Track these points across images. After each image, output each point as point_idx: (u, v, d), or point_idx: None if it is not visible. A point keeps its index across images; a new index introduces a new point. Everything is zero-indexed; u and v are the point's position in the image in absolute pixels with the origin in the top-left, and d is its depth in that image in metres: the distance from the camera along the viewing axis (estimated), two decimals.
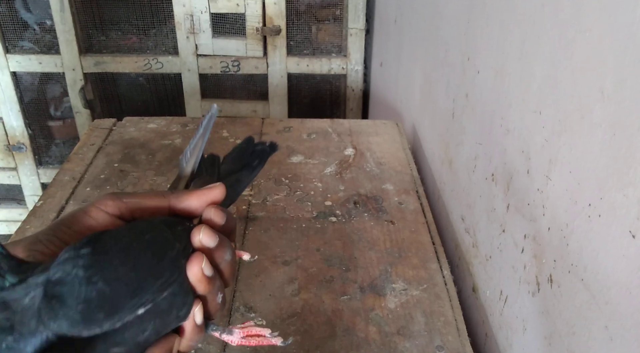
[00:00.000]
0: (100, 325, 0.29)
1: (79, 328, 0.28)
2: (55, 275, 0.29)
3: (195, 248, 0.36)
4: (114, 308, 0.29)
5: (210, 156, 0.46)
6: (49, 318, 0.28)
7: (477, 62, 0.74)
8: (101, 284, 0.29)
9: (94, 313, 0.29)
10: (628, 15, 0.39)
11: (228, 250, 0.37)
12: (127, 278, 0.30)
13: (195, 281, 0.35)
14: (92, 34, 1.89)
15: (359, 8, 1.75)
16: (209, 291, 0.35)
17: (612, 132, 0.41)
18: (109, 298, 0.29)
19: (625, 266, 0.39)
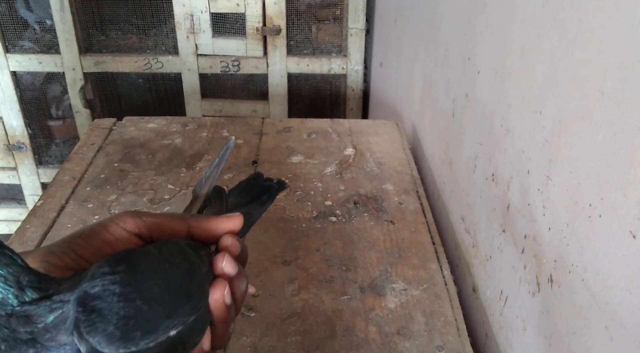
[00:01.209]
0: (136, 343, 0.29)
1: (117, 345, 0.28)
2: (94, 289, 0.29)
3: (215, 274, 0.36)
4: (150, 327, 0.29)
5: (216, 188, 0.46)
6: (89, 333, 0.28)
7: (477, 62, 0.74)
8: (139, 302, 0.29)
9: (131, 332, 0.29)
10: (628, 15, 0.39)
11: (244, 280, 0.37)
12: (162, 299, 0.30)
13: (215, 307, 0.34)
14: (92, 34, 1.89)
15: (359, 8, 1.75)
16: (225, 319, 0.35)
17: (613, 132, 0.41)
18: (146, 318, 0.29)
19: (626, 266, 0.39)
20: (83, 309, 0.28)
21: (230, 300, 0.35)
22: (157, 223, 0.36)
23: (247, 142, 1.02)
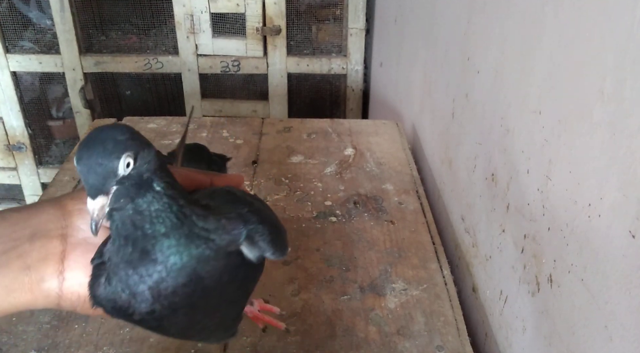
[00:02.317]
0: (284, 252, 0.41)
1: (279, 252, 0.40)
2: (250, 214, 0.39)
3: None
4: (285, 239, 0.42)
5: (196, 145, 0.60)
6: (260, 241, 0.39)
7: (477, 62, 0.74)
8: (275, 220, 0.42)
9: (282, 242, 0.41)
10: (628, 16, 0.39)
11: None
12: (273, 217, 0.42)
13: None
14: (92, 34, 1.89)
15: (359, 8, 1.75)
16: None
17: (612, 132, 0.41)
18: (282, 234, 0.42)
19: (625, 266, 0.39)
20: (251, 227, 0.38)
21: None
22: (189, 175, 0.42)
23: (247, 142, 1.02)
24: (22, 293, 0.36)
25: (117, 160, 0.31)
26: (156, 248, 0.33)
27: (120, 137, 0.32)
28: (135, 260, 0.34)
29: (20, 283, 0.36)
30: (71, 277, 0.37)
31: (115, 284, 0.35)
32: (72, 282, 0.37)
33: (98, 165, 0.31)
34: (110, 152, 0.31)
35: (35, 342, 0.60)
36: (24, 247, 0.36)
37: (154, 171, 0.33)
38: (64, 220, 0.38)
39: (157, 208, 0.33)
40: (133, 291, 0.34)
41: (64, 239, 0.37)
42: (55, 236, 0.37)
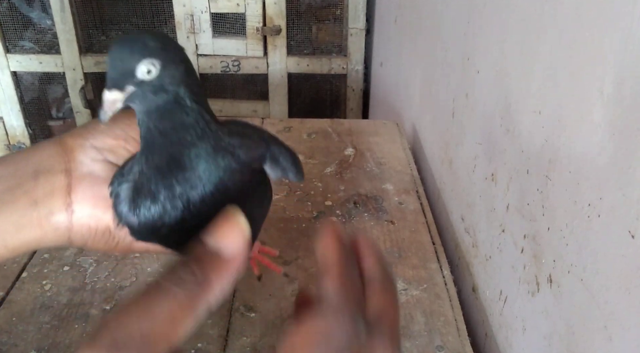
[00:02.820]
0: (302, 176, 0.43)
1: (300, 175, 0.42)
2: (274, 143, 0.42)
3: None
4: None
5: None
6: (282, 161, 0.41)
7: (477, 62, 0.74)
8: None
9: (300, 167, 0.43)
10: (628, 15, 0.39)
11: None
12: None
13: None
14: (92, 34, 1.90)
15: (359, 8, 1.75)
16: None
17: (612, 132, 0.41)
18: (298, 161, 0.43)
19: (625, 266, 0.39)
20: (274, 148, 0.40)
21: None
22: None
23: None
24: (32, 228, 0.36)
25: (137, 63, 0.32)
26: (184, 155, 0.33)
27: (152, 43, 0.32)
28: (164, 169, 0.34)
29: (29, 219, 0.35)
30: (80, 209, 0.37)
31: (145, 195, 0.35)
32: (81, 214, 0.37)
33: (120, 60, 0.32)
34: (133, 53, 0.32)
35: (35, 342, 0.60)
36: (29, 184, 0.36)
37: (180, 85, 0.33)
38: (66, 155, 0.38)
39: (182, 119, 0.33)
40: (163, 200, 0.34)
41: (69, 173, 0.37)
42: (59, 171, 0.37)
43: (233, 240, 0.27)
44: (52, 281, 0.68)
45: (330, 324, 0.24)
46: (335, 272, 0.27)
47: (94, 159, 0.38)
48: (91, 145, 0.38)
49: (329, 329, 0.24)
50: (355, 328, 0.25)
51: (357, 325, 0.25)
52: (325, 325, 0.24)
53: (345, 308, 0.25)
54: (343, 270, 0.27)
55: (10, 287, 0.68)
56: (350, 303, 0.26)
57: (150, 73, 0.32)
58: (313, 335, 0.24)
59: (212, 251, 0.27)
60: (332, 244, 0.28)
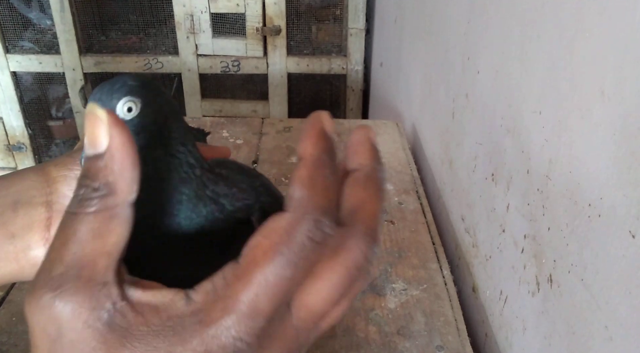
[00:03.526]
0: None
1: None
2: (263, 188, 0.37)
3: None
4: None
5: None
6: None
7: (477, 62, 0.74)
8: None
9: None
10: (628, 15, 0.39)
11: None
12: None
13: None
14: (92, 34, 1.90)
15: (359, 8, 1.75)
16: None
17: (612, 131, 0.41)
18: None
19: (625, 266, 0.39)
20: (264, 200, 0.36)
21: None
22: None
23: (247, 142, 1.02)
24: (8, 262, 0.34)
25: (116, 101, 0.31)
26: (164, 200, 0.32)
27: (132, 82, 0.32)
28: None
29: (4, 253, 0.34)
30: None
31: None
32: None
33: (99, 101, 0.31)
34: (113, 92, 0.31)
35: None
36: (7, 215, 0.34)
37: (163, 126, 0.33)
38: (48, 186, 0.36)
39: (166, 161, 0.32)
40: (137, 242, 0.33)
41: (49, 206, 0.35)
42: (39, 203, 0.35)
43: (101, 133, 0.25)
44: None
45: (290, 222, 0.22)
46: (304, 169, 0.24)
47: None
48: (76, 176, 0.36)
49: (290, 229, 0.22)
50: (318, 224, 0.23)
51: (322, 226, 0.23)
52: (285, 224, 0.22)
53: (309, 203, 0.23)
54: (316, 166, 0.24)
55: (10, 287, 0.68)
56: (317, 197, 0.23)
57: (130, 111, 0.31)
58: (270, 236, 0.22)
59: (93, 157, 0.25)
60: (311, 139, 0.25)
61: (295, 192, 0.23)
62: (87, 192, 0.24)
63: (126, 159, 0.25)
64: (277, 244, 0.22)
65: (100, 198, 0.24)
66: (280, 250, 0.22)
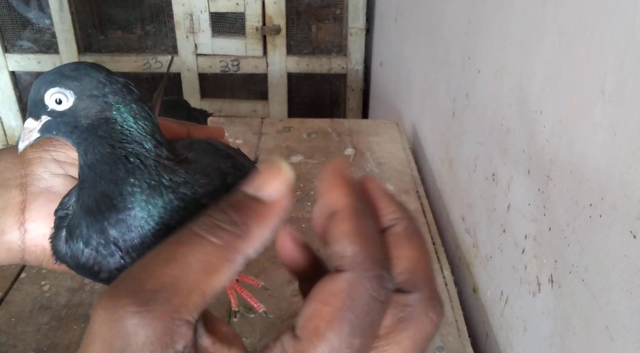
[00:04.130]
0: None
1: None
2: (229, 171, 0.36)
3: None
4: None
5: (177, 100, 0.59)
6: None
7: (477, 62, 0.74)
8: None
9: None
10: (628, 15, 0.39)
11: None
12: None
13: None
14: (91, 34, 1.89)
15: (359, 7, 1.74)
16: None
17: (613, 131, 0.41)
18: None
19: (626, 266, 0.39)
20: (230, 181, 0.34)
21: None
22: (163, 124, 0.37)
23: (247, 142, 1.02)
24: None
25: (44, 91, 0.30)
26: (116, 194, 0.30)
27: (69, 73, 0.30)
28: (94, 210, 0.30)
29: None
30: (33, 229, 0.34)
31: (77, 238, 0.31)
32: (34, 233, 0.34)
33: (35, 89, 0.31)
34: (45, 82, 0.30)
35: (34, 343, 0.60)
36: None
37: (100, 118, 0.30)
38: (23, 168, 0.35)
39: (110, 153, 0.30)
40: (96, 245, 0.31)
41: (24, 188, 0.34)
42: (14, 185, 0.34)
43: (276, 185, 0.23)
44: (51, 282, 0.68)
45: (350, 283, 0.20)
46: (348, 222, 0.22)
47: (53, 173, 0.35)
48: (52, 157, 0.35)
49: (352, 291, 0.20)
50: (381, 281, 0.21)
51: (385, 283, 0.21)
52: (345, 285, 0.20)
53: (366, 259, 0.21)
54: (358, 217, 0.22)
55: (9, 288, 0.67)
56: (372, 251, 0.21)
57: (61, 103, 0.30)
58: (331, 302, 0.20)
59: (251, 197, 0.23)
60: (341, 187, 0.23)
61: (346, 250, 0.21)
62: (224, 220, 0.22)
63: (275, 220, 0.23)
64: (340, 310, 0.20)
65: (232, 234, 0.22)
66: (346, 317, 0.20)
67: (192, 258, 0.21)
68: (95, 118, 0.30)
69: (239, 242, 0.22)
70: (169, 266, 0.21)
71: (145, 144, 0.31)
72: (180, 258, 0.21)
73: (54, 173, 0.35)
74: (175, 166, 0.32)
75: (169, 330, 0.20)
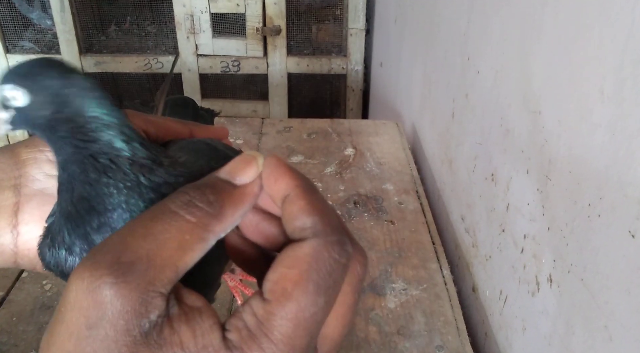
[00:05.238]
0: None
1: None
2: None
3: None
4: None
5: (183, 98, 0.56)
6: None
7: (477, 62, 0.74)
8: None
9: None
10: (627, 16, 0.39)
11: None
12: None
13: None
14: (92, 34, 1.90)
15: (359, 8, 1.75)
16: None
17: (612, 132, 0.41)
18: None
19: (625, 266, 0.39)
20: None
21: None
22: (163, 123, 0.37)
23: (247, 142, 1.02)
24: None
25: (3, 86, 0.29)
26: (94, 196, 0.29)
27: (25, 70, 0.29)
28: (74, 215, 0.29)
29: None
30: (26, 232, 0.33)
31: (59, 245, 0.30)
32: (27, 236, 0.33)
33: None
34: (3, 77, 0.29)
35: (36, 342, 0.60)
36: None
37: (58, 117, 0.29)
38: (17, 169, 0.34)
39: (79, 153, 0.29)
40: (79, 252, 0.29)
41: (17, 190, 0.33)
42: (6, 187, 0.33)
43: (249, 173, 0.25)
44: (52, 281, 0.68)
45: (315, 248, 0.22)
46: (301, 199, 0.24)
47: (48, 174, 0.34)
48: (47, 158, 0.34)
49: (316, 255, 0.22)
50: (342, 245, 0.23)
51: (344, 246, 0.23)
52: (310, 250, 0.22)
53: (326, 227, 0.23)
54: (309, 194, 0.24)
55: (11, 287, 0.68)
56: (329, 219, 0.23)
57: (16, 100, 0.29)
58: (297, 266, 0.22)
59: (226, 181, 0.24)
60: (284, 174, 0.25)
61: (305, 222, 0.23)
62: (200, 199, 0.23)
63: (247, 205, 0.24)
64: (306, 272, 0.21)
65: (207, 214, 0.23)
66: (311, 278, 0.21)
67: (168, 234, 0.22)
68: (52, 117, 0.29)
69: (212, 221, 0.23)
70: (146, 240, 0.22)
71: (114, 142, 0.29)
72: (157, 233, 0.22)
73: (48, 174, 0.34)
74: (153, 166, 0.30)
75: (144, 301, 0.21)
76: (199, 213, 0.23)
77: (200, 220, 0.23)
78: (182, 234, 0.22)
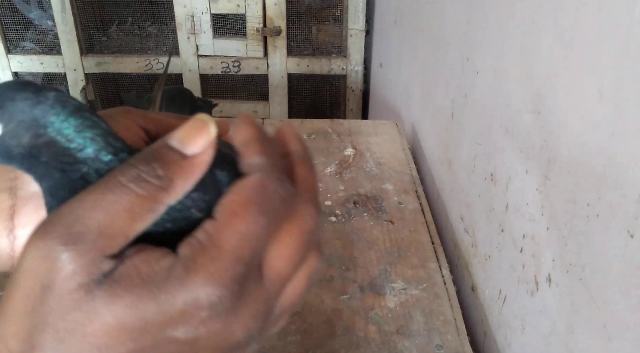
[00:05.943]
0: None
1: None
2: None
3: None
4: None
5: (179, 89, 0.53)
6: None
7: (476, 63, 0.75)
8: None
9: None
10: (627, 16, 0.39)
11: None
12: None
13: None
14: (93, 35, 1.90)
15: (359, 9, 1.75)
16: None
17: (611, 132, 0.41)
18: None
19: (624, 265, 0.40)
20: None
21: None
22: (161, 120, 0.37)
23: None
24: None
25: None
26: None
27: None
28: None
29: None
30: (23, 235, 0.32)
31: None
32: (24, 240, 0.32)
33: None
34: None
35: None
36: None
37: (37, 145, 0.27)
38: (13, 172, 0.33)
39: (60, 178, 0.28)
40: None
41: (13, 193, 0.32)
42: (2, 189, 0.32)
43: (200, 142, 0.26)
44: None
45: (260, 179, 0.25)
46: (256, 144, 0.27)
47: None
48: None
49: (260, 184, 0.25)
50: (283, 181, 0.26)
51: (283, 182, 0.26)
52: (256, 180, 0.25)
53: (272, 166, 0.26)
54: (263, 141, 0.27)
55: None
56: (275, 161, 0.27)
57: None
58: (244, 192, 0.24)
59: (175, 151, 0.25)
60: (249, 126, 0.28)
61: (254, 160, 0.26)
62: (149, 172, 0.24)
63: (197, 175, 0.26)
64: (251, 196, 0.24)
65: (157, 188, 0.24)
66: (255, 200, 0.24)
67: (118, 206, 0.23)
68: (31, 144, 0.27)
69: (162, 194, 0.24)
70: (96, 212, 0.23)
71: (102, 156, 0.28)
72: (107, 205, 0.23)
73: None
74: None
75: (94, 264, 0.22)
76: (148, 187, 0.24)
77: (150, 193, 0.24)
78: (132, 206, 0.23)
